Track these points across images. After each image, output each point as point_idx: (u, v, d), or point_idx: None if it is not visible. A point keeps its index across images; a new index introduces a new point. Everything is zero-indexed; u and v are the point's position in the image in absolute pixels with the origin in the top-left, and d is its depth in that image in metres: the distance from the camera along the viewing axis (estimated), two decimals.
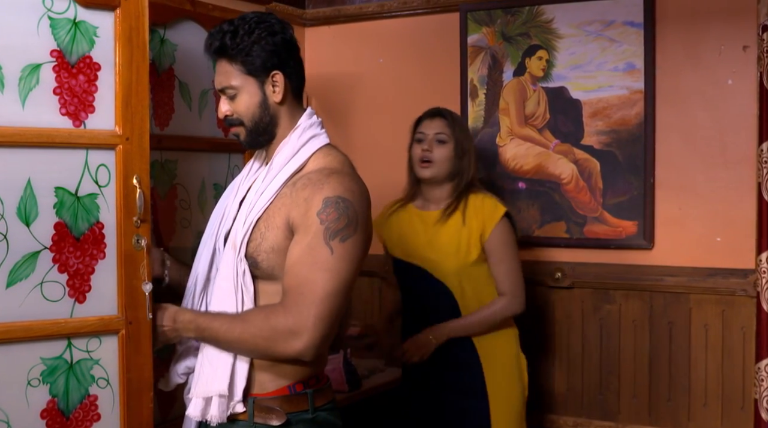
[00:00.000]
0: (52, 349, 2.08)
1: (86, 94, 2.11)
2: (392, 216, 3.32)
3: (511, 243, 3.20)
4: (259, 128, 2.20)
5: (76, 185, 2.09)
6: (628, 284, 3.74)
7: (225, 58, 2.17)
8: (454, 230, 3.16)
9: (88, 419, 2.14)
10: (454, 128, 3.22)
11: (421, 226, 3.23)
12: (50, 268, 2.06)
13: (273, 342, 2.07)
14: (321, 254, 2.06)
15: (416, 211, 3.29)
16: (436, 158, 3.19)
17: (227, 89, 2.19)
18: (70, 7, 2.08)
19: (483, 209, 3.16)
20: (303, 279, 2.06)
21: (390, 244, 3.34)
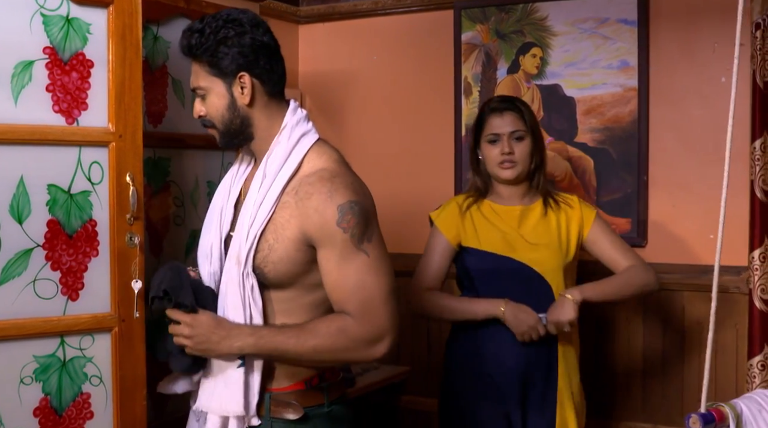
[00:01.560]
0: (45, 347, 2.08)
1: (79, 91, 2.11)
2: (469, 211, 3.00)
3: (610, 228, 3.05)
4: (230, 130, 2.13)
5: (69, 182, 2.09)
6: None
7: (195, 58, 2.09)
8: (551, 227, 2.96)
9: (81, 417, 2.14)
10: (527, 118, 2.96)
11: (508, 221, 2.97)
12: (43, 266, 2.06)
13: (355, 352, 2.09)
14: (360, 261, 2.07)
15: (495, 206, 3.01)
16: (518, 157, 2.93)
17: (197, 90, 2.12)
18: (63, 4, 2.08)
19: (579, 205, 3.01)
20: (359, 288, 2.07)
21: (469, 236, 2.97)
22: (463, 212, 2.99)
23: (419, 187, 4.15)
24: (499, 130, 2.92)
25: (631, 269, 2.93)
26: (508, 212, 2.97)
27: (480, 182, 3.02)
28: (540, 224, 2.95)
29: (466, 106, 4.05)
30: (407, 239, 3.99)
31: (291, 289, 2.12)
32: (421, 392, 4.05)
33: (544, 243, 2.92)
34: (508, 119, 2.92)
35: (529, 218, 2.96)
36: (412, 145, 4.21)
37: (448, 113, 4.10)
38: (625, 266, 2.94)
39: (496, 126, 2.93)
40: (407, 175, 4.17)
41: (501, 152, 2.91)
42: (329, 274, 2.08)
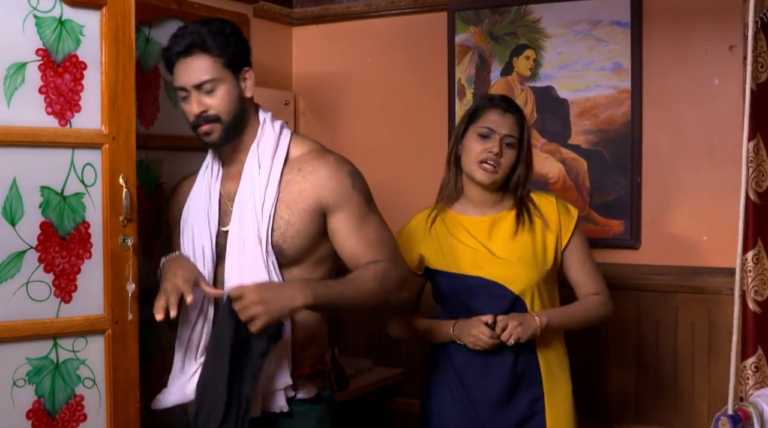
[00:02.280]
0: (38, 349, 2.08)
1: (72, 93, 2.10)
2: (434, 227, 2.75)
3: (588, 245, 2.79)
4: (233, 122, 2.25)
5: (62, 184, 2.09)
6: (615, 282, 3.73)
7: (204, 52, 2.19)
8: (524, 238, 2.67)
9: (74, 419, 2.13)
10: (524, 130, 2.70)
11: (475, 234, 2.70)
12: (36, 268, 2.06)
13: (394, 294, 2.25)
14: (375, 221, 2.29)
15: (461, 217, 2.74)
16: (502, 163, 2.66)
17: (205, 84, 2.20)
18: (55, 6, 2.08)
19: (556, 210, 2.72)
20: (383, 240, 2.27)
21: (433, 258, 2.73)
22: (427, 229, 2.75)
23: (412, 189, 4.15)
24: (496, 127, 2.64)
25: (594, 301, 2.73)
26: (476, 224, 2.71)
27: (452, 181, 2.76)
28: (511, 236, 2.67)
29: (460, 108, 4.05)
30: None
31: (302, 265, 2.26)
32: (415, 394, 4.04)
33: (516, 258, 2.64)
34: (508, 120, 2.66)
35: (500, 230, 2.69)
36: (405, 147, 4.21)
37: (441, 115, 4.11)
38: (589, 293, 2.74)
39: (494, 122, 2.65)
40: (400, 177, 4.17)
41: (488, 149, 2.63)
42: (350, 235, 2.24)
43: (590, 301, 2.74)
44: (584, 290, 2.75)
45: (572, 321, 2.71)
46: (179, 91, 2.25)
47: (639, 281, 3.69)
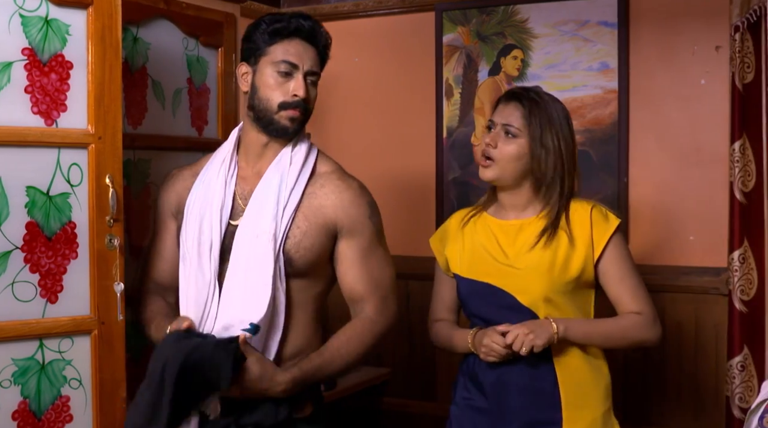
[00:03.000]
0: (24, 350, 2.07)
1: (58, 92, 2.09)
2: (465, 228, 2.55)
3: (630, 258, 2.48)
4: (307, 120, 2.31)
5: (48, 184, 2.08)
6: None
7: (316, 48, 2.27)
8: (547, 246, 2.41)
9: (60, 420, 2.12)
10: (532, 119, 2.40)
11: (501, 238, 2.48)
12: (22, 268, 2.05)
13: (377, 344, 2.29)
14: (379, 254, 2.30)
15: (492, 220, 2.52)
16: (498, 155, 2.41)
17: (316, 74, 2.27)
18: (41, 5, 2.07)
19: (589, 220, 2.43)
20: (380, 278, 2.29)
21: (455, 261, 2.54)
22: (459, 229, 2.56)
23: (400, 189, 4.15)
24: (496, 117, 2.45)
25: (632, 319, 2.43)
26: (505, 228, 2.49)
27: (489, 189, 2.58)
28: (531, 246, 2.42)
29: (448, 107, 4.05)
30: (387, 241, 3.98)
31: (305, 279, 2.24)
32: (403, 394, 4.05)
33: (531, 267, 2.40)
34: (509, 109, 2.43)
35: (524, 236, 2.45)
36: (393, 147, 4.22)
37: (429, 115, 4.11)
38: (629, 312, 2.44)
39: (497, 112, 2.46)
40: (388, 177, 4.17)
41: (485, 142, 2.44)
42: (353, 264, 2.26)
43: (627, 319, 2.43)
44: (622, 309, 2.45)
45: (598, 335, 2.41)
46: (283, 65, 2.21)
47: None
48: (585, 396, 2.42)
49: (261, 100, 2.23)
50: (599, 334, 2.41)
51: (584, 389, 2.43)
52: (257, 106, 2.24)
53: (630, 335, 2.43)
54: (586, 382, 2.44)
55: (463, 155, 4.00)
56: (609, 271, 2.43)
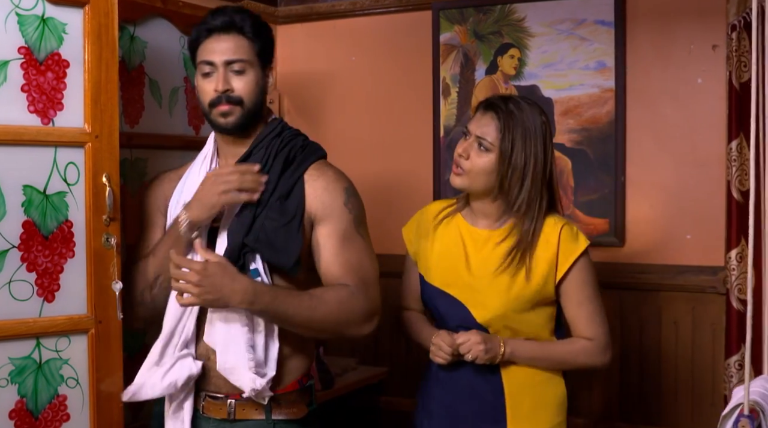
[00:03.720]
0: (21, 349, 2.07)
1: (55, 91, 2.09)
2: (439, 227, 2.51)
3: (592, 282, 2.44)
4: (251, 111, 2.22)
5: (45, 183, 2.08)
6: (598, 281, 3.75)
7: (242, 34, 2.20)
8: (508, 260, 2.37)
9: (57, 419, 2.12)
10: (506, 133, 2.33)
11: (469, 245, 2.45)
12: (18, 267, 2.04)
13: (353, 324, 2.18)
14: (358, 243, 2.23)
15: (464, 224, 2.49)
16: (468, 167, 2.36)
17: (237, 62, 2.19)
18: (38, 4, 2.07)
19: (557, 238, 2.38)
20: (358, 266, 2.19)
21: (423, 262, 2.52)
22: (432, 226, 2.52)
23: (397, 188, 4.15)
24: (471, 128, 2.40)
25: (584, 345, 2.42)
26: (474, 235, 2.46)
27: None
28: (495, 256, 2.39)
29: (445, 107, 4.05)
30: (383, 240, 3.97)
31: (289, 273, 2.18)
32: (400, 393, 4.05)
33: (489, 285, 2.38)
34: (485, 120, 2.37)
35: (488, 246, 2.42)
36: (390, 146, 4.21)
37: (426, 114, 4.11)
38: (582, 337, 2.43)
39: (473, 122, 2.41)
40: (385, 176, 4.17)
41: (457, 153, 2.40)
42: (329, 250, 2.19)
43: (578, 344, 2.43)
44: (576, 332, 2.44)
45: (546, 360, 2.41)
46: (203, 66, 2.20)
47: (623, 279, 3.70)
48: (533, 408, 2.42)
49: (200, 104, 2.25)
50: (547, 359, 2.42)
51: (533, 401, 2.42)
52: (202, 110, 2.26)
53: (579, 360, 2.43)
54: (536, 394, 2.43)
55: None
56: (569, 293, 2.42)
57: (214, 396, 2.23)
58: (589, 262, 2.44)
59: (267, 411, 2.20)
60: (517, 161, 2.33)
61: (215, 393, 2.23)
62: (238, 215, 2.20)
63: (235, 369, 2.14)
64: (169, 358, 2.21)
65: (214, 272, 2.04)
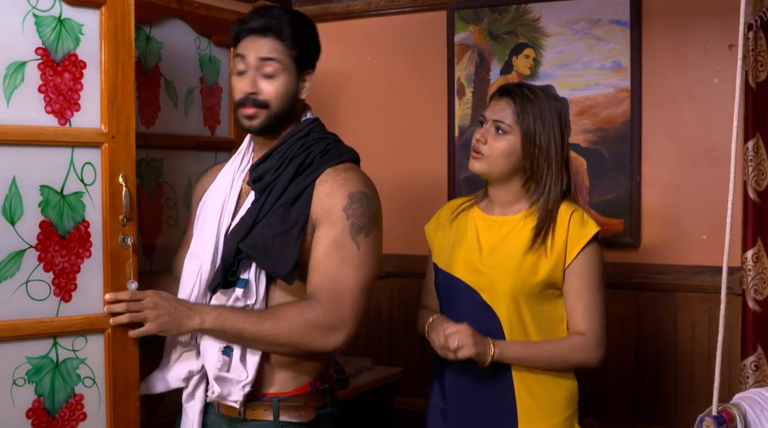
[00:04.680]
0: (38, 348, 2.08)
1: (72, 92, 2.10)
2: (456, 220, 2.55)
3: (596, 272, 2.41)
4: (278, 116, 2.21)
5: (62, 183, 2.09)
6: (614, 282, 3.74)
7: (278, 38, 2.19)
8: (520, 243, 2.39)
9: (74, 418, 2.13)
10: (523, 116, 2.37)
11: (482, 232, 2.47)
12: (36, 267, 2.05)
13: (309, 337, 2.12)
14: (349, 250, 2.13)
15: (479, 214, 2.52)
16: (487, 151, 2.40)
17: (270, 62, 2.18)
18: (55, 5, 2.07)
19: (567, 224, 2.39)
20: (334, 275, 2.12)
21: (437, 251, 2.56)
22: (449, 220, 2.56)
23: (412, 188, 4.15)
24: (488, 113, 2.43)
25: (576, 342, 2.37)
26: (488, 222, 2.48)
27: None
28: (509, 239, 2.42)
29: (459, 107, 4.05)
30: (399, 240, 3.99)
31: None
32: (415, 393, 4.05)
33: (500, 263, 2.40)
34: (501, 105, 2.41)
35: (501, 230, 2.45)
36: (405, 146, 4.21)
37: (441, 114, 4.11)
38: (575, 332, 2.39)
39: (489, 109, 2.44)
40: (400, 176, 4.17)
41: (475, 138, 2.43)
42: (315, 255, 2.15)
43: (569, 341, 2.38)
44: (570, 325, 2.41)
45: (537, 359, 2.38)
46: (238, 63, 2.21)
47: (639, 280, 3.69)
48: (543, 405, 2.42)
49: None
50: (537, 359, 2.39)
51: (542, 399, 2.42)
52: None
53: (571, 357, 2.39)
54: (545, 392, 2.42)
55: None
56: (570, 280, 2.40)
57: None
58: (598, 252, 2.43)
59: (275, 412, 2.20)
60: (542, 141, 2.38)
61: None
62: (241, 219, 2.20)
63: (210, 370, 2.20)
64: (176, 353, 2.27)
65: (164, 296, 2.13)
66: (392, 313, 4.11)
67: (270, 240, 2.13)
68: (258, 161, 2.24)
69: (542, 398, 2.42)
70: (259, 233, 2.14)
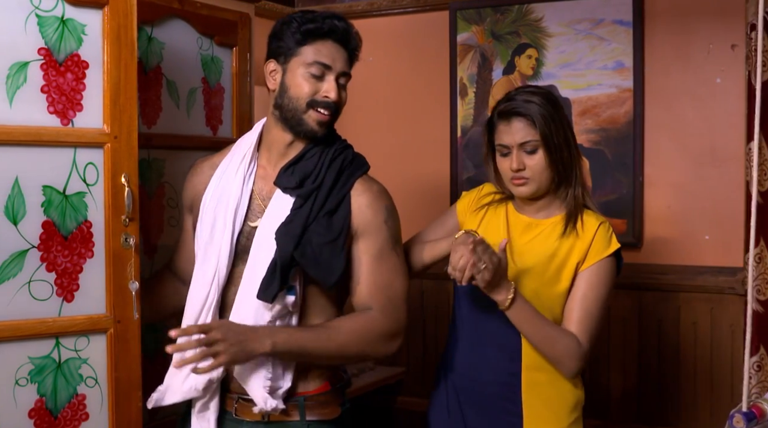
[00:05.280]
0: (40, 348, 2.08)
1: (74, 92, 2.10)
2: (489, 209, 2.51)
3: (606, 288, 2.38)
4: (336, 120, 2.29)
5: (64, 183, 2.09)
6: (617, 282, 3.73)
7: (345, 47, 2.28)
8: (547, 249, 2.38)
9: (76, 418, 2.13)
10: (538, 125, 2.35)
11: (512, 229, 2.46)
12: (38, 267, 2.05)
13: (376, 347, 2.21)
14: (393, 260, 2.25)
15: (512, 210, 2.49)
16: (530, 174, 2.37)
17: (345, 76, 2.28)
18: (57, 5, 2.07)
19: (593, 234, 2.37)
20: (388, 284, 2.22)
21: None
22: (482, 207, 2.53)
23: (414, 188, 4.15)
24: (507, 141, 2.38)
25: (574, 347, 2.32)
26: (519, 220, 2.47)
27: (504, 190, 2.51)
28: (536, 243, 2.41)
29: (462, 107, 4.05)
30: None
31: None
32: (417, 393, 4.05)
33: (526, 267, 2.39)
34: (515, 127, 2.37)
35: (530, 233, 2.43)
36: (407, 146, 4.22)
37: (443, 114, 4.11)
38: (569, 330, 2.34)
39: (504, 136, 2.39)
40: (402, 176, 4.17)
41: (510, 167, 2.38)
42: (364, 265, 2.22)
43: (566, 341, 2.32)
44: (566, 324, 2.36)
45: (532, 328, 2.31)
46: (316, 67, 2.23)
47: (641, 280, 3.69)
48: (549, 410, 2.41)
49: (291, 99, 2.21)
50: (535, 328, 2.31)
51: (549, 404, 2.41)
52: (286, 105, 2.22)
53: (558, 356, 2.33)
54: (552, 399, 2.41)
55: (477, 155, 3.99)
56: (579, 284, 2.36)
57: (247, 398, 2.22)
58: (612, 269, 2.40)
59: (301, 412, 2.21)
60: (560, 140, 2.37)
61: (248, 395, 2.22)
62: (287, 224, 2.17)
63: (250, 381, 2.18)
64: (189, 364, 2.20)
65: (230, 325, 2.10)
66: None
67: (318, 249, 2.15)
68: (291, 163, 2.24)
69: (548, 405, 2.41)
70: (308, 241, 2.16)
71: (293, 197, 2.20)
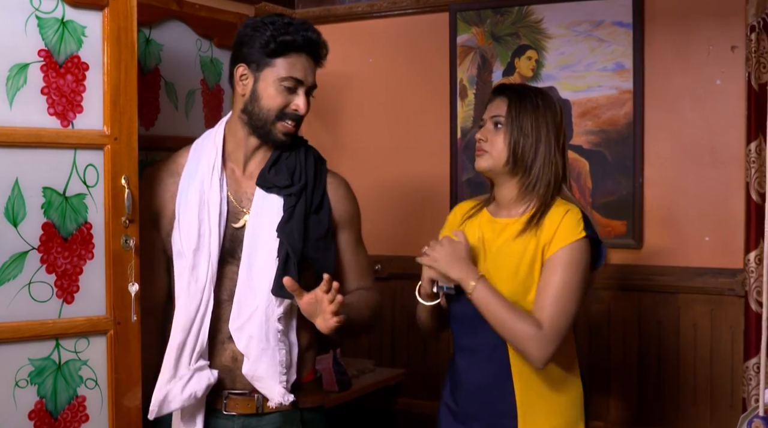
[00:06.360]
0: (40, 350, 2.08)
1: (74, 93, 2.10)
2: (466, 223, 2.51)
3: (571, 270, 2.30)
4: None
5: (64, 185, 2.09)
6: (617, 283, 3.74)
7: (317, 62, 2.31)
8: (517, 250, 2.34)
9: (76, 420, 2.13)
10: (514, 107, 2.37)
11: (487, 235, 2.44)
12: (38, 268, 2.05)
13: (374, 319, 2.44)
14: (363, 245, 2.47)
15: (487, 216, 2.48)
16: (489, 147, 2.38)
17: (314, 88, 2.32)
18: (58, 7, 2.08)
19: (559, 220, 2.32)
20: (369, 267, 2.47)
21: None
22: (460, 222, 2.53)
23: (414, 190, 4.15)
24: (485, 115, 2.44)
25: (532, 331, 2.24)
26: (493, 224, 2.44)
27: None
28: (508, 244, 2.37)
29: (462, 108, 4.05)
30: (402, 241, 3.99)
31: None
32: (417, 394, 4.05)
33: (500, 268, 2.36)
34: (495, 103, 2.42)
35: (503, 235, 2.40)
36: (407, 148, 4.21)
37: (443, 116, 4.11)
38: (530, 315, 2.28)
39: (486, 112, 2.45)
40: (402, 178, 4.17)
41: (477, 137, 2.43)
42: (351, 253, 2.40)
43: (524, 325, 2.25)
44: (533, 312, 2.29)
45: (492, 312, 2.27)
46: (290, 81, 2.23)
47: (641, 281, 3.69)
48: (545, 406, 2.37)
49: (262, 109, 2.23)
50: (497, 314, 2.27)
51: (544, 400, 2.37)
52: (256, 114, 2.24)
53: (518, 339, 2.27)
54: (547, 394, 2.37)
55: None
56: (543, 272, 2.31)
57: (237, 393, 2.25)
58: (582, 255, 2.32)
59: (294, 401, 2.25)
60: (528, 129, 2.37)
61: (241, 390, 2.25)
62: (287, 222, 2.23)
63: (264, 379, 2.20)
64: (184, 370, 2.21)
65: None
66: (395, 315, 4.11)
67: (315, 243, 2.27)
68: (270, 164, 2.28)
69: (544, 401, 2.37)
70: (307, 236, 2.25)
71: (281, 195, 2.25)
